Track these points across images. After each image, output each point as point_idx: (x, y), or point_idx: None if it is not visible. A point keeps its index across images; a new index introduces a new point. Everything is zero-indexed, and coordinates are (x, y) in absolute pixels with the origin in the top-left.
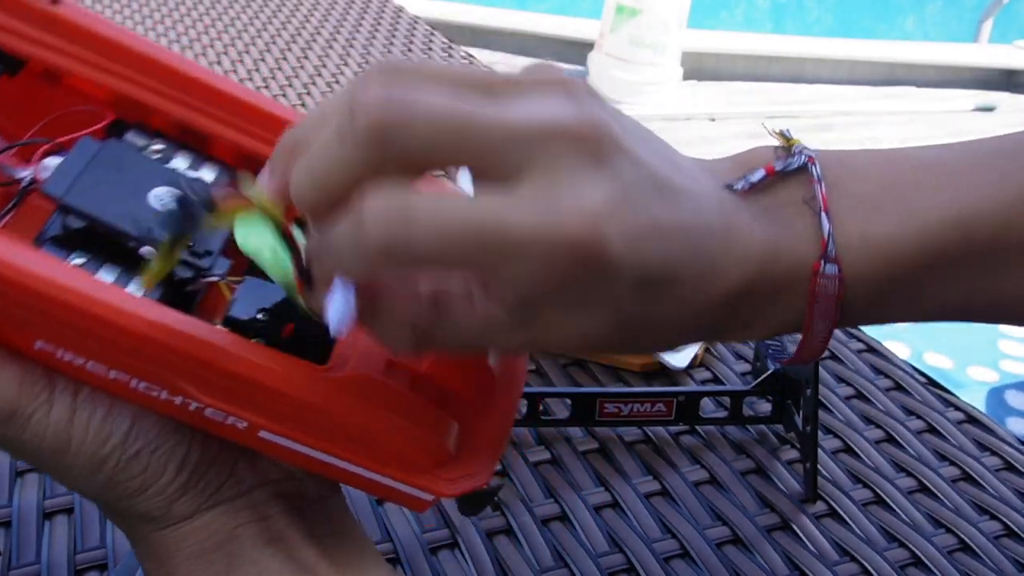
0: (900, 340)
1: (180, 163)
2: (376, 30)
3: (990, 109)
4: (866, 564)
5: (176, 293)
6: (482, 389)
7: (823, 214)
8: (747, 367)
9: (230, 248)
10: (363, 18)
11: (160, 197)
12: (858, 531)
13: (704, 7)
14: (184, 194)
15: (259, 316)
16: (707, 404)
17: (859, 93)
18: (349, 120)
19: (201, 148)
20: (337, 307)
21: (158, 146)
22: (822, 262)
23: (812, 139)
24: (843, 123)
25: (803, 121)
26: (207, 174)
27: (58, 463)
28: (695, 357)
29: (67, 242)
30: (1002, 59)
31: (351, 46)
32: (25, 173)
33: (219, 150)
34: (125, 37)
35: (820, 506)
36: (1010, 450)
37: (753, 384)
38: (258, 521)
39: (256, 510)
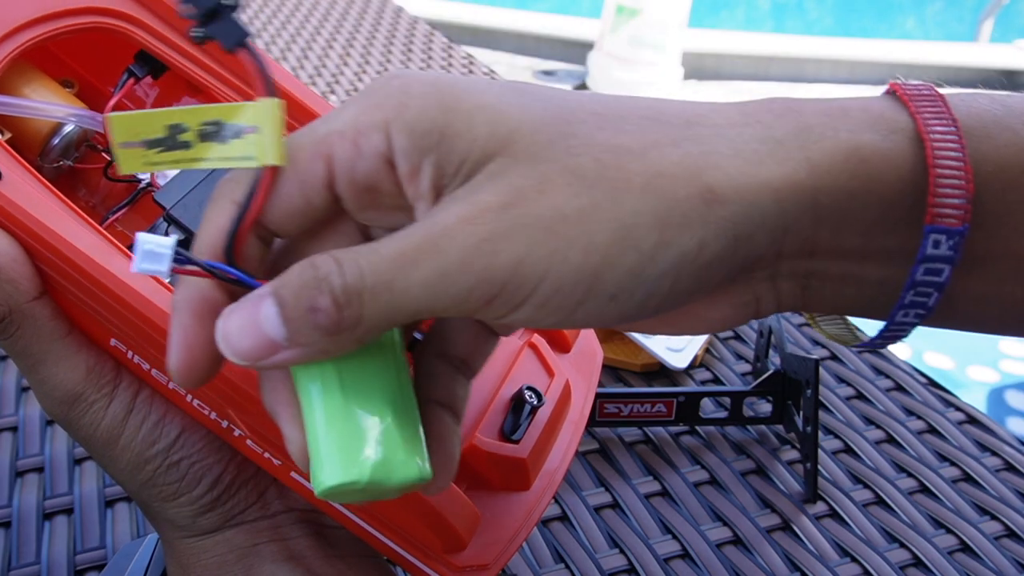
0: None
1: None
2: (376, 30)
3: None
4: (866, 565)
5: None
6: (516, 484)
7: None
8: (747, 367)
9: None
10: (363, 18)
11: None
12: (859, 532)
13: (704, 7)
14: None
15: None
16: (707, 404)
17: (859, 93)
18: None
19: None
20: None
21: None
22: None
23: None
24: None
25: None
26: None
27: (106, 453)
28: (695, 357)
29: None
30: (1002, 59)
31: (351, 46)
32: (144, 176)
33: None
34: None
35: (820, 506)
36: (1010, 450)
37: (753, 384)
38: (279, 540)
39: (278, 531)
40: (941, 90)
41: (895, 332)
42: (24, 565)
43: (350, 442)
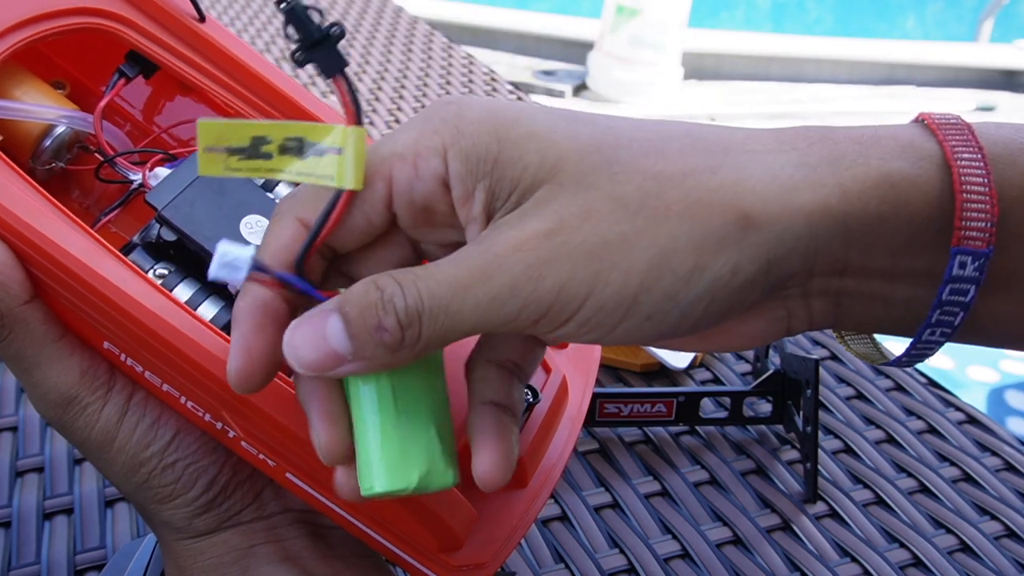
0: (900, 340)
1: (283, 190)
2: (376, 30)
3: (990, 109)
4: (866, 565)
5: None
6: (512, 481)
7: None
8: (747, 367)
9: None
10: (363, 18)
11: (250, 225)
12: (859, 532)
13: (704, 7)
14: None
15: None
16: (707, 404)
17: (859, 93)
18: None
19: None
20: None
21: None
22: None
23: None
24: (843, 123)
25: (803, 121)
26: None
27: (101, 456)
28: (695, 357)
29: (157, 250)
30: (1002, 59)
31: (351, 47)
32: (136, 177)
33: None
34: (257, 64)
35: (820, 506)
36: (1010, 450)
37: (753, 384)
38: (276, 541)
39: (275, 532)
40: (967, 119)
41: (922, 350)
42: (24, 565)
43: (400, 452)
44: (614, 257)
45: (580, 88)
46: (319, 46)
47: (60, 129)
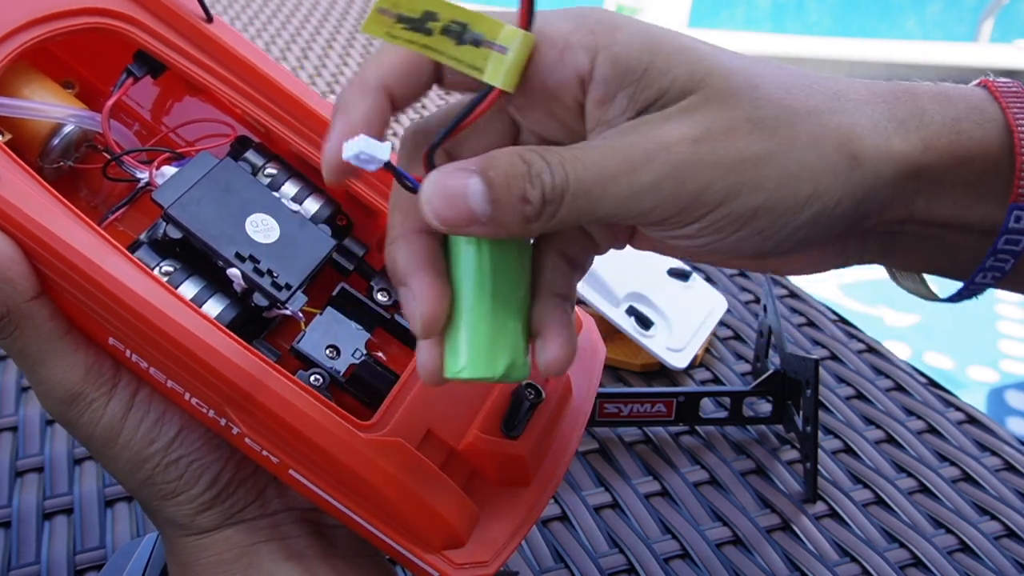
0: (900, 340)
1: (289, 190)
2: None
3: None
4: (866, 565)
5: (251, 318)
6: (515, 481)
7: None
8: (747, 367)
9: (312, 285)
10: (363, 18)
11: (256, 223)
12: (858, 531)
13: (704, 7)
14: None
15: (326, 352)
16: (707, 404)
17: None
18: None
19: (312, 178)
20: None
21: (271, 170)
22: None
23: None
24: None
25: None
26: (311, 205)
27: (105, 452)
28: (695, 357)
29: (163, 248)
30: (1002, 59)
31: (351, 47)
32: (143, 175)
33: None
34: (263, 64)
35: (820, 506)
36: (1010, 450)
37: (753, 384)
38: (279, 539)
39: (278, 530)
40: None
41: (972, 290)
42: (24, 565)
43: (491, 339)
44: (749, 172)
45: None
46: None
47: (68, 128)
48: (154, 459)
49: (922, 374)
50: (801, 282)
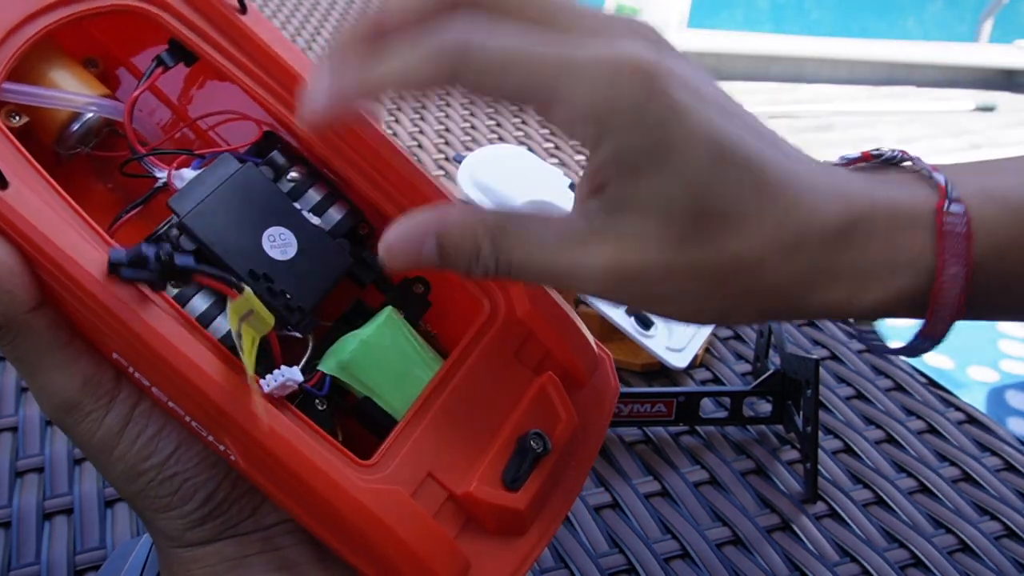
0: (900, 340)
1: (312, 196)
2: None
3: (990, 109)
4: (866, 564)
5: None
6: (511, 531)
7: (936, 173)
8: (747, 367)
9: (322, 307)
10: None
11: (273, 238)
12: (858, 531)
13: (704, 7)
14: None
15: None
16: (707, 404)
17: (859, 93)
18: (430, 50)
19: (336, 184)
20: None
21: (295, 174)
22: (946, 201)
23: (812, 139)
24: (843, 123)
25: (803, 121)
26: (335, 214)
27: (100, 460)
28: (695, 357)
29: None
30: (1002, 59)
31: None
32: (161, 174)
33: (352, 192)
34: (296, 60)
35: (820, 506)
36: (1010, 450)
37: (753, 384)
38: (272, 551)
39: (271, 542)
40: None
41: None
42: (24, 565)
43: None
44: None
45: None
46: None
47: (88, 115)
48: (149, 474)
49: (922, 374)
50: None
